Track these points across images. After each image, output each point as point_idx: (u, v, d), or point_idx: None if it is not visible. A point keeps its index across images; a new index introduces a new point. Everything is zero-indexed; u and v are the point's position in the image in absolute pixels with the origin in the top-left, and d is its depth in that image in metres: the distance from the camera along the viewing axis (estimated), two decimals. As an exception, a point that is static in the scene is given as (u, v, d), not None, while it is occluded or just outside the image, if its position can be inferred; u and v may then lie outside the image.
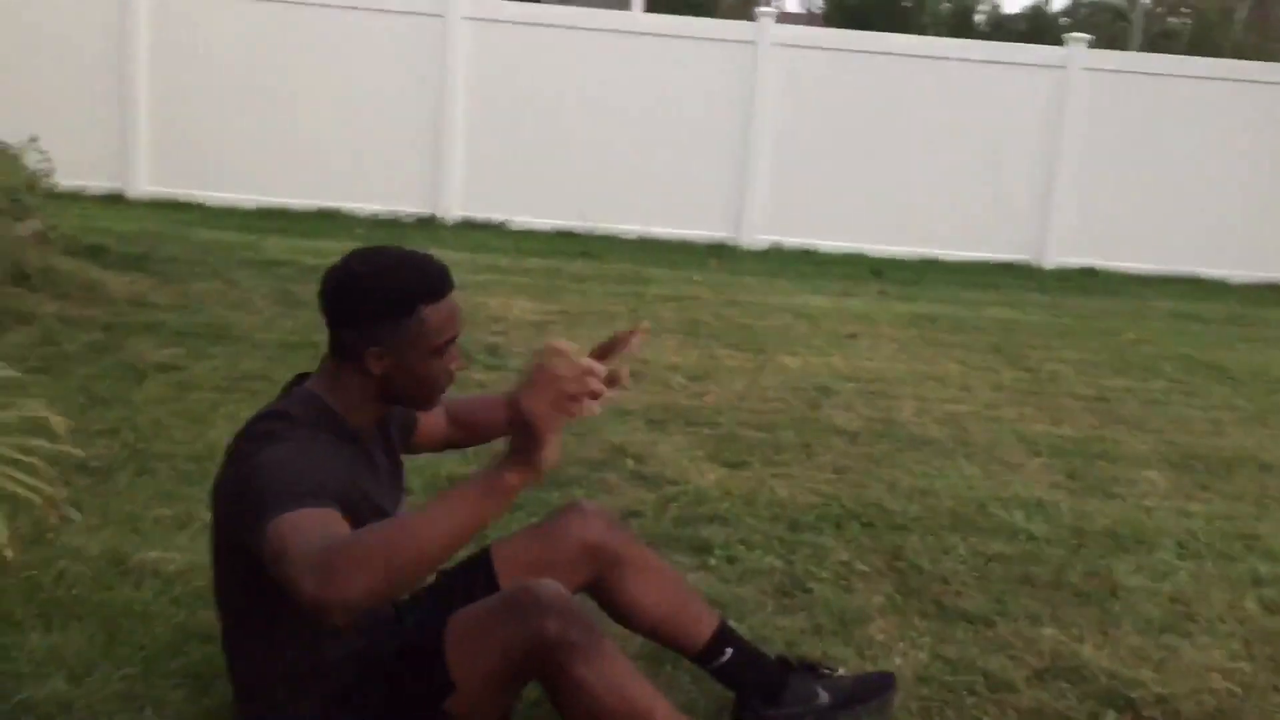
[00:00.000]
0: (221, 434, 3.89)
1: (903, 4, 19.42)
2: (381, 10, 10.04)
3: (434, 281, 1.93)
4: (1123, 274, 10.01)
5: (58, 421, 2.69)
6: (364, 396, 1.95)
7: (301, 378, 2.01)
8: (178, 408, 4.18)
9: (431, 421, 2.33)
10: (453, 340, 1.97)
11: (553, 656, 1.83)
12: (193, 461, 3.61)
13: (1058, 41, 10.43)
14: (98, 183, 9.65)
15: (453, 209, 10.05)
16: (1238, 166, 10.21)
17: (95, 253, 6.76)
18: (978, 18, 25.04)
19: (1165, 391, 5.78)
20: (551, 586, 1.92)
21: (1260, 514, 3.93)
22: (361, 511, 1.80)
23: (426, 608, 2.15)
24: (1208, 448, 4.74)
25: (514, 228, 9.97)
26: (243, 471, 1.78)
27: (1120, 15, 19.03)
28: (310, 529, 1.58)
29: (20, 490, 2.67)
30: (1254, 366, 6.57)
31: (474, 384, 4.86)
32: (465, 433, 2.42)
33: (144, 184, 9.87)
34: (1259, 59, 14.64)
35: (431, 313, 1.91)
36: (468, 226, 9.91)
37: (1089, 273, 10.01)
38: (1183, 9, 17.67)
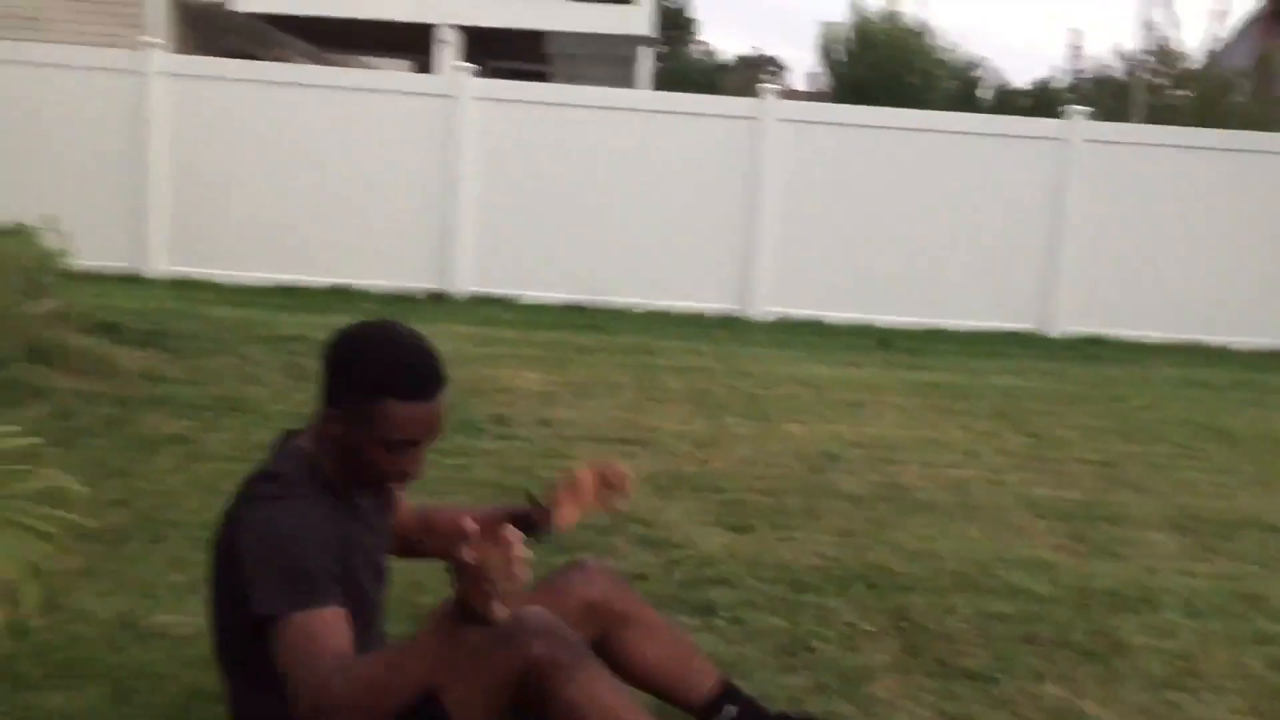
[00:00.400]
0: (232, 502, 3.95)
1: (909, 80, 19.73)
2: (394, 91, 10.28)
3: (413, 382, 1.91)
4: (1128, 342, 10.06)
5: (75, 491, 2.75)
6: (332, 456, 1.98)
7: (291, 434, 2.07)
8: (189, 477, 4.24)
9: (403, 510, 2.31)
10: (412, 443, 1.93)
11: (542, 678, 1.87)
12: (204, 529, 3.64)
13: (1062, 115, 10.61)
14: (114, 263, 9.82)
15: (463, 284, 10.17)
16: (1240, 234, 10.31)
17: (110, 330, 6.86)
18: (982, 93, 25.43)
19: (1170, 456, 5.80)
20: (537, 612, 1.97)
21: (1265, 574, 3.94)
22: (348, 591, 1.87)
23: None
24: (1213, 510, 4.76)
25: (524, 302, 10.09)
26: (243, 539, 1.85)
27: (1123, 89, 19.26)
28: (316, 644, 1.72)
29: (39, 559, 2.73)
30: (1259, 430, 6.59)
31: (480, 453, 4.91)
32: (427, 539, 2.36)
33: (160, 263, 10.03)
34: (1263, 129, 14.81)
35: (396, 409, 1.89)
36: (478, 301, 10.02)
37: (1095, 341, 10.07)
38: (1186, 81, 17.90)
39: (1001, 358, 8.96)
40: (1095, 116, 10.58)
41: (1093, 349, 9.74)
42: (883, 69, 19.25)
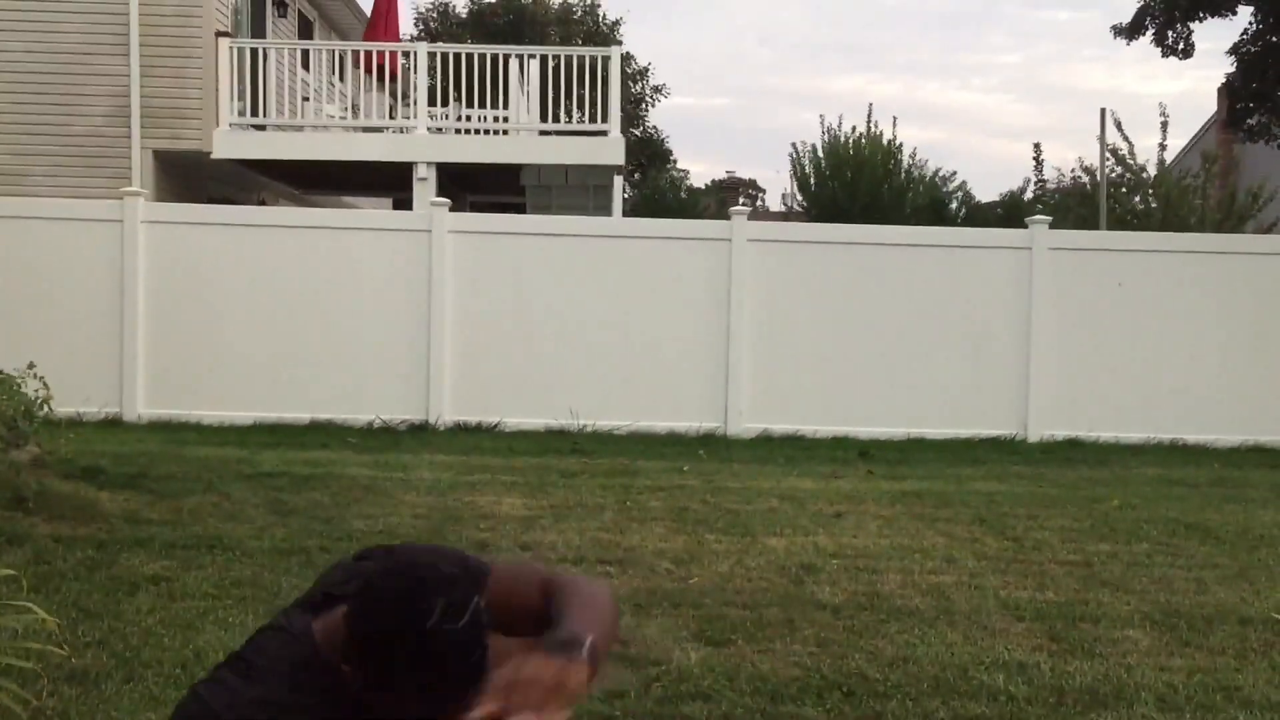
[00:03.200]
0: (210, 639, 3.96)
1: (881, 197, 20.13)
2: (371, 229, 10.50)
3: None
4: (1106, 444, 10.15)
5: (49, 621, 2.77)
6: None
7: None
8: (166, 616, 4.24)
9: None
10: None
11: None
12: (180, 667, 3.66)
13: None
14: (96, 408, 9.87)
15: (445, 414, 10.24)
16: (1211, 334, 10.48)
17: (91, 474, 6.90)
18: (953, 206, 25.93)
19: (1149, 554, 5.83)
20: None
21: (1241, 665, 3.95)
22: None
23: None
24: (1190, 605, 4.78)
25: (507, 429, 10.15)
26: None
27: (1087, 197, 19.68)
28: None
29: (11, 702, 2.74)
30: (1238, 526, 6.63)
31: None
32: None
33: (141, 406, 10.09)
34: (1222, 231, 15.16)
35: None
36: (460, 430, 10.08)
37: (1073, 444, 10.15)
38: (1147, 189, 18.33)
39: (981, 464, 9.03)
40: (1064, 225, 10.84)
41: (1071, 452, 9.81)
42: (855, 187, 19.67)
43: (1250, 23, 15.54)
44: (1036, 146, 27.32)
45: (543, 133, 14.11)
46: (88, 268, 10.10)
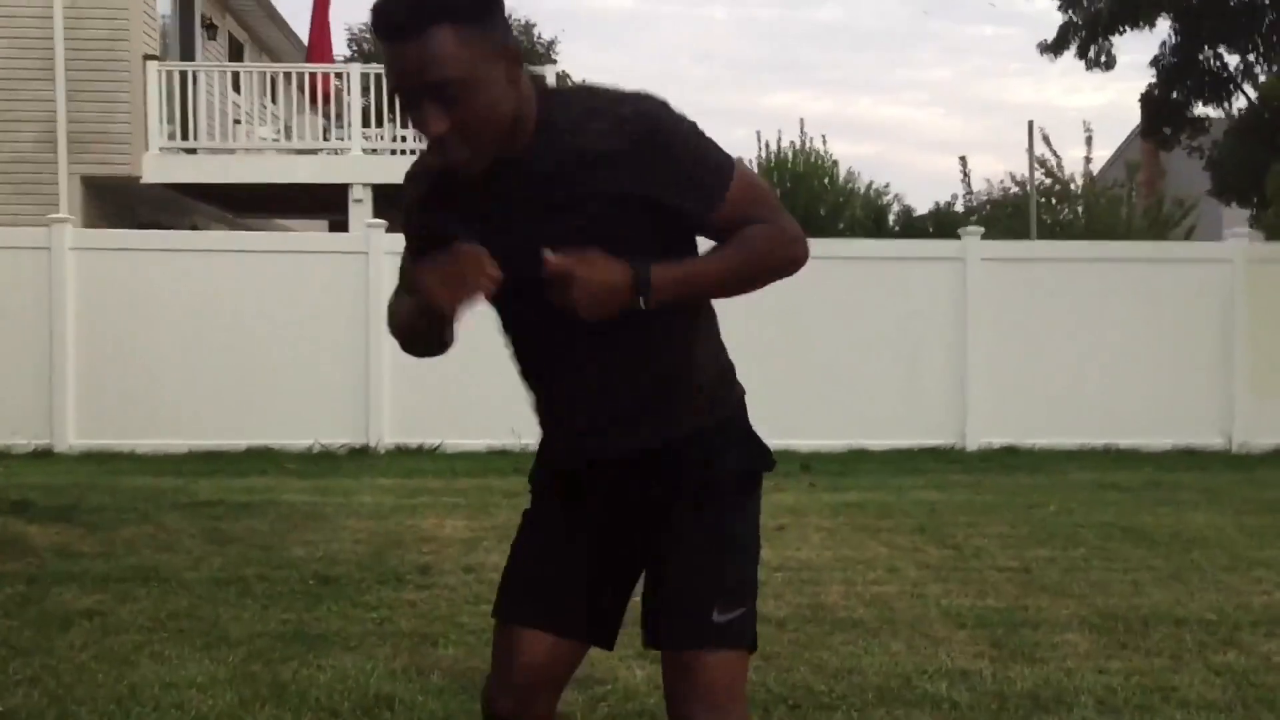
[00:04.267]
0: (145, 673, 3.88)
1: (818, 211, 20.34)
2: (307, 251, 10.42)
3: (375, 21, 1.76)
4: (1042, 450, 10.30)
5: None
6: None
7: None
8: (100, 651, 4.15)
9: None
10: (402, 92, 1.76)
11: None
12: (114, 703, 3.58)
13: (961, 236, 11.03)
14: (26, 440, 9.67)
15: (385, 437, 10.16)
16: (1140, 340, 10.68)
17: (20, 508, 6.75)
18: (889, 218, 26.26)
19: (1086, 558, 5.92)
20: None
21: (1176, 666, 4.02)
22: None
23: None
24: (1126, 608, 4.86)
25: (448, 451, 10.08)
26: None
27: (1017, 209, 20.06)
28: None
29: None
30: (1171, 528, 6.75)
31: (403, 604, 4.87)
32: None
33: (72, 437, 9.89)
34: (1152, 239, 15.49)
35: (383, 55, 1.77)
36: (401, 453, 10.00)
37: (1010, 451, 10.29)
38: (1073, 199, 18.71)
39: (922, 473, 9.12)
40: (995, 236, 11.01)
41: (1009, 459, 9.95)
42: (793, 202, 19.85)
43: (1169, 35, 15.93)
44: (963, 160, 27.77)
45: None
46: (15, 296, 9.90)
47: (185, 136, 13.57)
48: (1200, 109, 16.09)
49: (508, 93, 1.77)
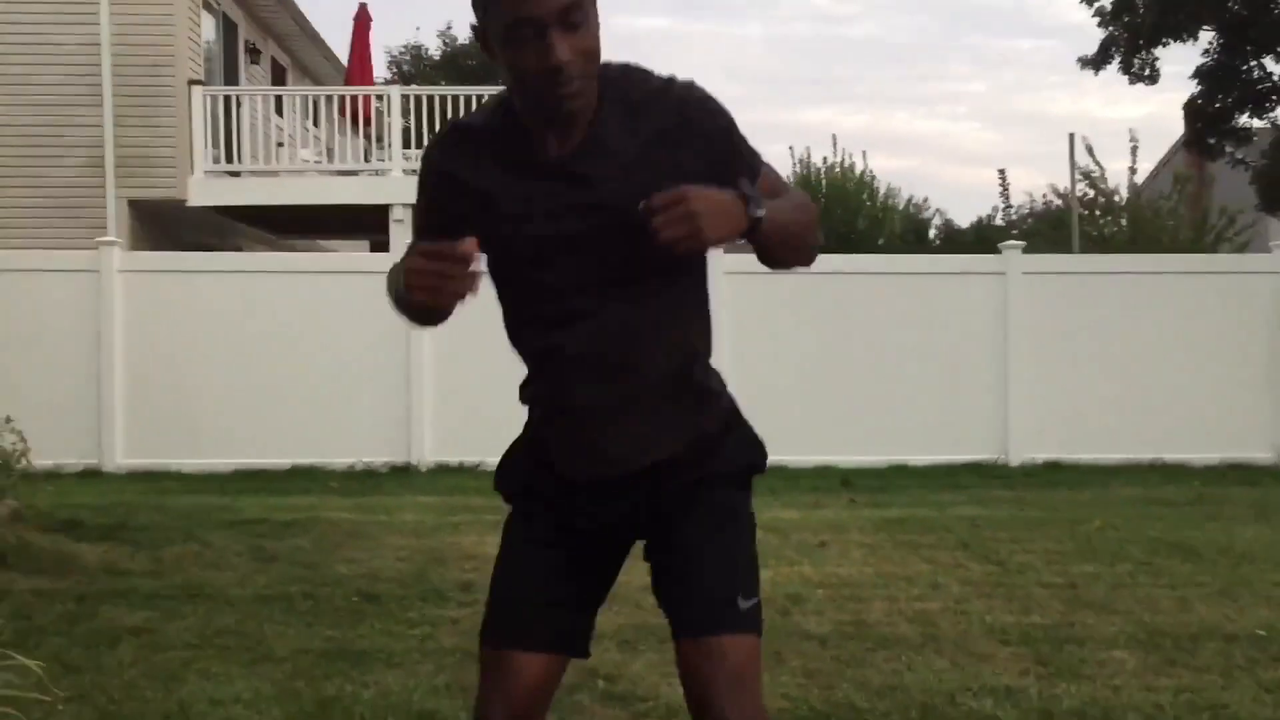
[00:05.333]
0: (193, 690, 3.93)
1: (857, 226, 20.27)
2: (349, 272, 10.51)
3: None
4: (1087, 465, 10.19)
5: (32, 666, 2.75)
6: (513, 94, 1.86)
7: None
8: (149, 668, 4.20)
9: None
10: (525, 23, 1.72)
11: None
12: (162, 718, 3.63)
13: (1007, 250, 10.95)
14: (75, 459, 9.80)
15: (426, 455, 10.21)
16: (1185, 353, 10.55)
17: (70, 527, 6.84)
18: (929, 232, 26.13)
19: (1132, 574, 5.85)
20: None
21: (1226, 684, 3.97)
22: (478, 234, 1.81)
23: None
24: (1174, 624, 4.80)
25: (489, 469, 10.06)
26: None
27: (1060, 221, 19.89)
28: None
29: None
30: (1219, 544, 6.66)
31: (446, 621, 4.90)
32: None
33: (120, 457, 10.02)
34: (1191, 251, 15.31)
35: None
36: (442, 471, 10.05)
37: (1053, 466, 10.19)
38: (1117, 211, 18.52)
39: (963, 489, 9.05)
40: (1036, 250, 10.94)
41: (1052, 474, 9.85)
42: (831, 217, 19.79)
43: (1210, 44, 15.79)
44: (1001, 173, 27.51)
45: (518, 172, 14.15)
46: (65, 319, 10.06)
47: (229, 159, 13.75)
48: (1244, 119, 15.92)
49: (599, 37, 1.81)
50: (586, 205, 1.85)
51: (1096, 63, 16.52)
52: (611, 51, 1.86)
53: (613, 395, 1.96)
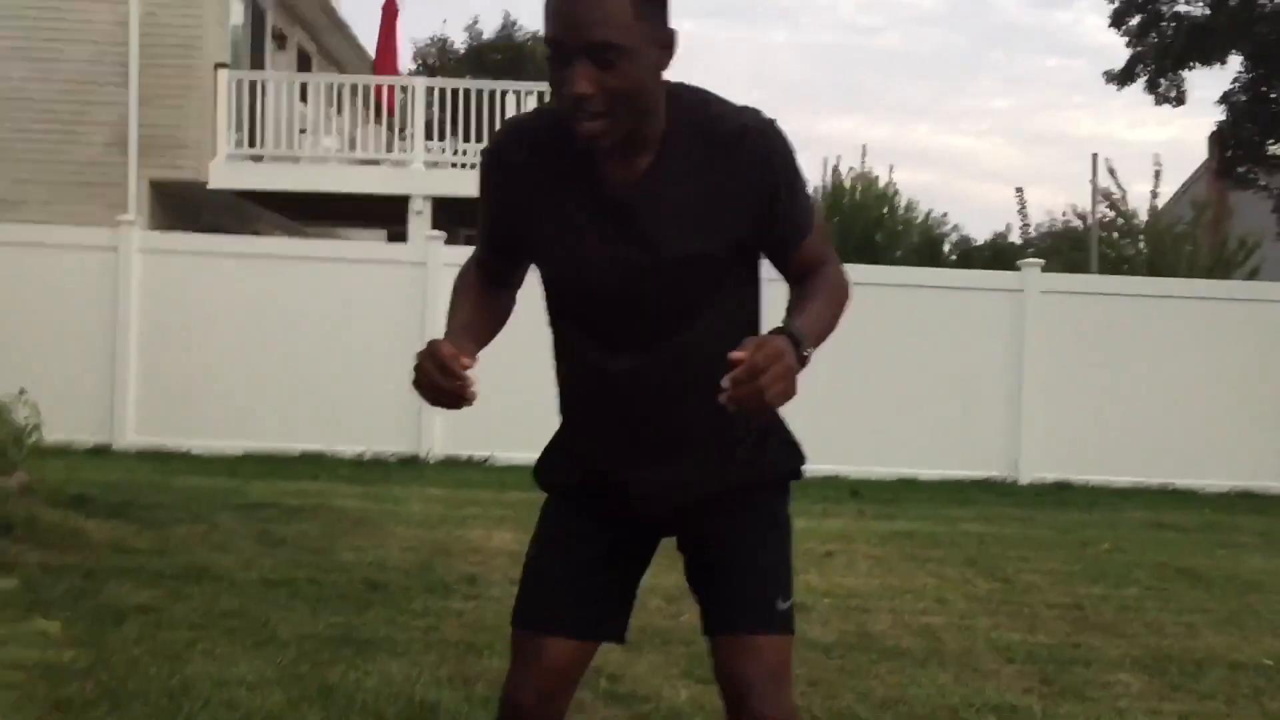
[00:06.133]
0: (197, 669, 3.93)
1: (875, 239, 20.23)
2: (367, 261, 10.55)
3: None
4: (1097, 487, 10.15)
5: (50, 628, 2.74)
6: None
7: None
8: (153, 646, 4.21)
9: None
10: (561, 45, 1.72)
11: None
12: (166, 697, 3.63)
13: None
14: (86, 436, 9.83)
15: (435, 447, 10.22)
16: (1200, 379, 10.51)
17: (79, 503, 6.85)
18: (946, 248, 26.08)
19: (1139, 597, 5.83)
20: None
21: (1230, 711, 3.95)
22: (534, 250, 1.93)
23: None
24: (1180, 649, 4.78)
25: (498, 463, 10.12)
26: None
27: (1078, 241, 19.85)
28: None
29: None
30: (1227, 571, 6.63)
31: (450, 613, 4.90)
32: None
33: (131, 435, 10.06)
34: (1211, 277, 15.25)
35: (546, 19, 1.73)
36: (451, 464, 10.06)
37: (1063, 486, 10.15)
38: (1137, 233, 18.46)
39: (972, 505, 9.03)
40: (1054, 269, 10.90)
41: (1062, 494, 9.82)
42: (850, 230, 19.73)
43: (1240, 71, 15.73)
44: (1019, 191, 27.47)
45: (539, 169, 14.17)
46: (81, 295, 10.10)
47: (252, 144, 13.80)
48: (1275, 148, 15.86)
49: (656, 80, 1.77)
50: (638, 242, 1.85)
51: (1122, 79, 16.47)
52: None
53: (654, 427, 2.00)
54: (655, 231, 1.84)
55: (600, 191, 1.85)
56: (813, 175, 21.77)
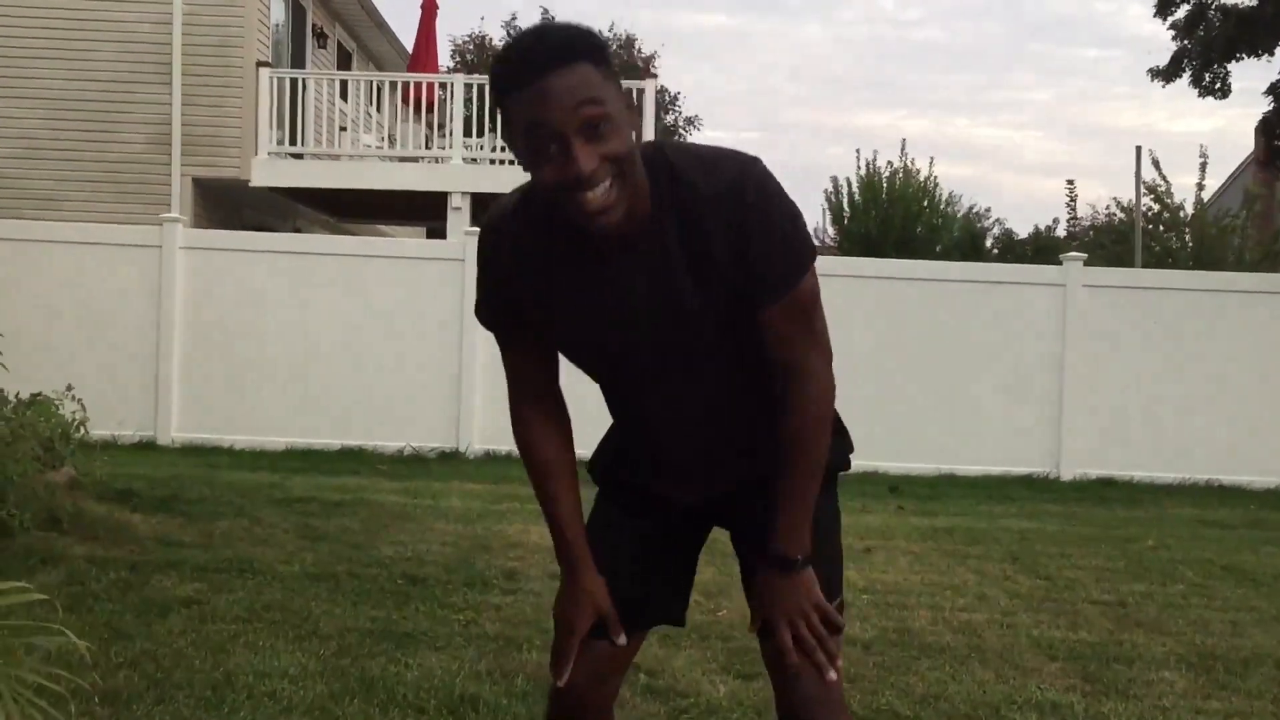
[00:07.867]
0: (240, 662, 3.98)
1: (916, 232, 20.09)
2: (406, 257, 10.60)
3: (509, 68, 1.70)
4: (1141, 483, 10.04)
5: (83, 646, 2.79)
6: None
7: None
8: (197, 638, 4.26)
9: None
10: (537, 129, 1.66)
11: None
12: (210, 689, 3.68)
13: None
14: (131, 431, 9.96)
15: (474, 443, 10.27)
16: (1246, 374, 10.36)
17: (125, 496, 6.95)
18: (987, 242, 25.85)
19: (1184, 595, 5.75)
20: None
21: (1277, 710, 3.89)
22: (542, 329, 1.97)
23: None
24: (1226, 648, 4.72)
25: (535, 459, 10.12)
26: None
27: (1121, 235, 19.64)
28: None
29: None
30: (1274, 569, 6.53)
31: (489, 608, 4.92)
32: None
33: (174, 430, 10.17)
34: (1265, 271, 15.03)
35: (513, 104, 1.68)
36: (490, 460, 10.10)
37: (1107, 483, 10.05)
38: (1182, 227, 18.23)
39: (1013, 501, 8.95)
40: (1097, 263, 10.78)
41: (1105, 491, 9.72)
42: (890, 222, 19.60)
43: (1288, 62, 15.47)
44: (1070, 183, 27.09)
45: (577, 164, 14.17)
46: (125, 292, 10.22)
47: (293, 142, 13.90)
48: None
49: (634, 141, 1.73)
50: (642, 306, 1.84)
51: (1167, 75, 16.25)
52: (675, 49, 1.83)
53: (693, 446, 2.06)
54: (655, 294, 1.83)
55: (595, 262, 1.83)
56: (849, 169, 21.53)
